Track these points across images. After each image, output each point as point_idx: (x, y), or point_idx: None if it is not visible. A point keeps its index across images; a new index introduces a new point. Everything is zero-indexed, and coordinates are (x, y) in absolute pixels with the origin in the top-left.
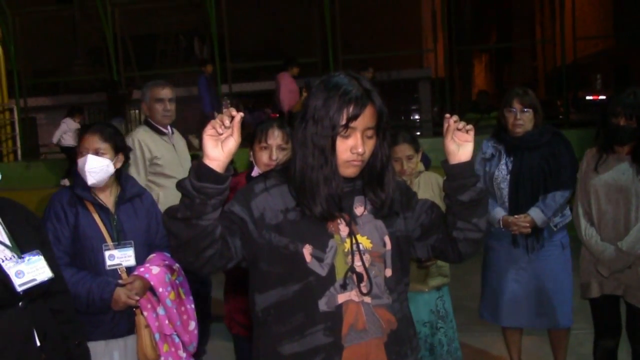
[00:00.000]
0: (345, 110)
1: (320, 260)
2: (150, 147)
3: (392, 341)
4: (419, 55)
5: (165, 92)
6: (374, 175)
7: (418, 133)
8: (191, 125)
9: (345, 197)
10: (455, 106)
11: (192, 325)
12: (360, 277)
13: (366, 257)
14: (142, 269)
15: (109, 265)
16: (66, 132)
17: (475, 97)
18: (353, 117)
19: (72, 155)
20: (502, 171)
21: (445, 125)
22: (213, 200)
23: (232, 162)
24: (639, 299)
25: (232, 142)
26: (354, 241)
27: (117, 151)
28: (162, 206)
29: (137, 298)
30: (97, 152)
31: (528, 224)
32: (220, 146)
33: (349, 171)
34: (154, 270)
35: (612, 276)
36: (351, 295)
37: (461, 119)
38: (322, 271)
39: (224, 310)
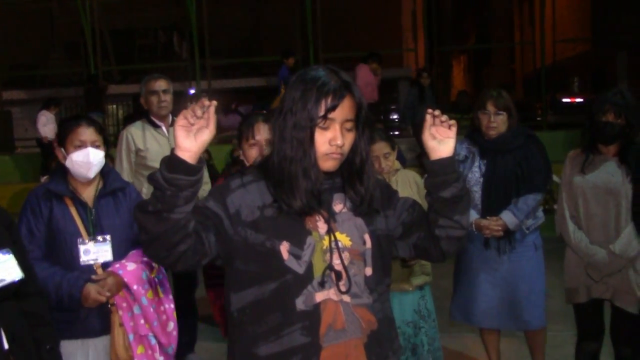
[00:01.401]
0: (323, 101)
1: (297, 257)
2: (136, 140)
3: (372, 342)
4: (399, 54)
5: (159, 84)
6: (354, 170)
7: (397, 132)
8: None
9: (324, 194)
10: (434, 106)
11: (171, 326)
12: (339, 275)
13: (345, 255)
14: (117, 265)
15: (83, 261)
16: (46, 124)
17: (455, 98)
18: (331, 108)
19: (49, 149)
20: (475, 174)
21: (429, 120)
22: (185, 192)
23: (210, 159)
24: (628, 302)
25: (207, 133)
26: (332, 238)
27: (106, 144)
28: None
29: (108, 294)
30: (94, 145)
31: (500, 227)
32: (192, 137)
33: (327, 164)
34: (130, 267)
35: (601, 280)
36: (329, 293)
37: None
38: (300, 269)
39: (211, 309)
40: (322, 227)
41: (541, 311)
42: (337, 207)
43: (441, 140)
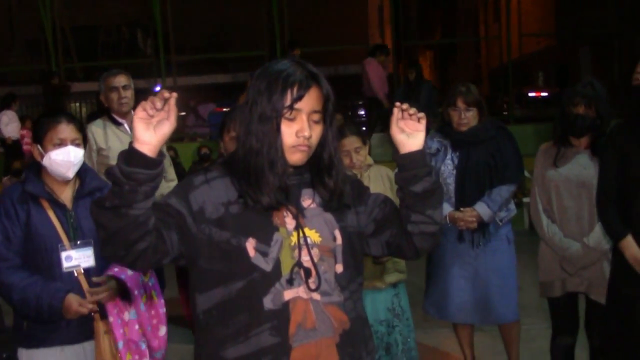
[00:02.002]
0: (289, 91)
1: (264, 254)
2: (97, 138)
3: (344, 342)
4: (366, 50)
5: (119, 80)
6: (322, 165)
7: (364, 128)
8: None
9: (292, 189)
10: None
11: (163, 330)
12: (308, 272)
13: (314, 251)
14: (116, 269)
15: (66, 267)
16: (8, 124)
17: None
18: (298, 98)
19: (14, 150)
20: (448, 166)
21: (396, 114)
22: (144, 187)
23: (176, 157)
24: (603, 294)
25: (167, 125)
26: (301, 234)
27: (84, 142)
28: None
29: (90, 307)
30: (74, 143)
31: (474, 219)
32: (152, 129)
33: (295, 157)
34: (129, 271)
35: (575, 273)
36: (298, 291)
37: None
38: (267, 266)
39: (183, 309)
40: (290, 222)
41: (514, 305)
42: (306, 202)
43: (410, 133)
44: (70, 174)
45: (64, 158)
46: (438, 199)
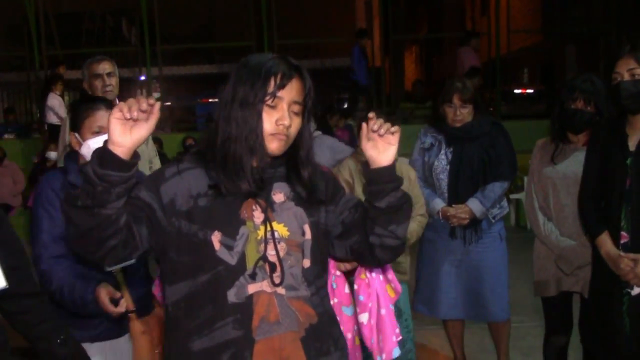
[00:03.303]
0: (272, 78)
1: (229, 248)
2: None
3: (310, 336)
4: (350, 43)
5: (103, 67)
6: (299, 159)
7: (350, 122)
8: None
9: (265, 183)
10: (390, 96)
11: None
12: (273, 267)
13: (281, 245)
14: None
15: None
16: (53, 107)
17: (412, 87)
18: (281, 86)
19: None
20: (441, 161)
21: (372, 126)
22: (117, 189)
23: (161, 148)
24: None
25: (145, 129)
26: (268, 228)
27: None
28: None
29: (122, 303)
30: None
31: (467, 215)
32: (128, 131)
33: (273, 145)
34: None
35: (571, 272)
36: (262, 285)
37: (395, 108)
38: (232, 260)
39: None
40: (258, 216)
41: (505, 303)
42: (277, 196)
43: (382, 149)
44: None
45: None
46: (404, 215)
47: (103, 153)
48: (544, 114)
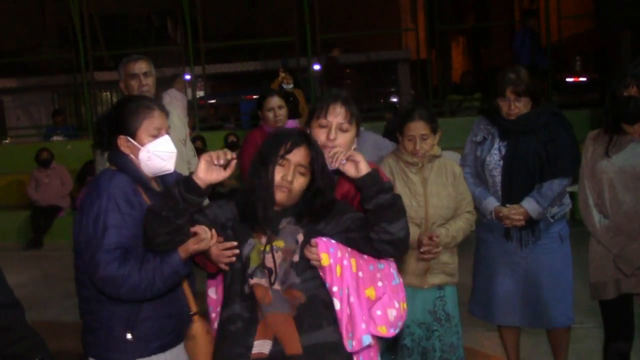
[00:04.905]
0: (283, 145)
1: (241, 253)
2: None
3: (302, 313)
4: (398, 36)
5: (139, 66)
6: (313, 209)
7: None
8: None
9: (275, 218)
10: (437, 88)
11: None
12: (270, 271)
13: (279, 254)
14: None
15: None
16: (170, 103)
17: (460, 79)
18: (288, 151)
19: None
20: (494, 156)
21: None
22: (190, 209)
23: (203, 147)
24: None
25: (221, 174)
26: (267, 249)
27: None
28: None
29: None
30: (167, 132)
31: (521, 217)
32: (210, 172)
33: (278, 195)
34: None
35: (632, 273)
36: (261, 282)
37: (443, 100)
38: (239, 262)
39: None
40: (263, 239)
41: (568, 308)
42: (282, 225)
43: (355, 166)
44: (171, 165)
45: (166, 149)
46: (394, 213)
47: (189, 182)
48: (598, 103)
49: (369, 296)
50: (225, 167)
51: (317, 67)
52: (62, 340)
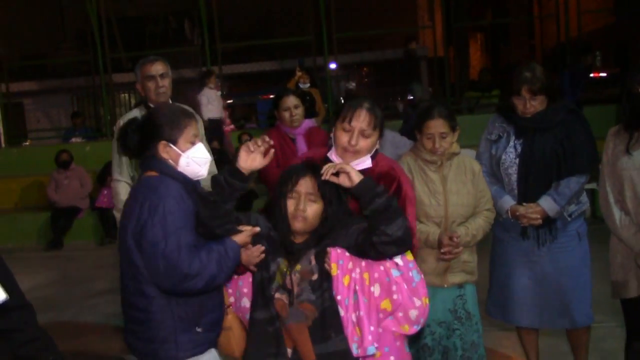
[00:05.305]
0: (290, 180)
1: (269, 269)
2: None
3: (315, 326)
4: (415, 34)
5: (156, 68)
6: (322, 233)
7: None
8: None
9: (295, 248)
10: (455, 85)
11: None
12: (289, 291)
13: (296, 276)
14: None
15: None
16: (208, 103)
17: (478, 76)
18: (295, 183)
19: (216, 128)
20: (509, 154)
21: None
22: (236, 193)
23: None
24: None
25: (259, 161)
26: (288, 272)
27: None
28: None
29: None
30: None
31: (539, 215)
32: (249, 159)
33: (295, 224)
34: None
35: None
36: (282, 297)
37: (461, 97)
38: (268, 273)
39: None
40: (286, 262)
41: (588, 307)
42: (305, 254)
43: (348, 176)
44: (205, 171)
45: (202, 155)
46: (390, 215)
47: (233, 169)
48: (618, 98)
49: (384, 308)
50: (265, 154)
51: (333, 66)
52: (81, 339)
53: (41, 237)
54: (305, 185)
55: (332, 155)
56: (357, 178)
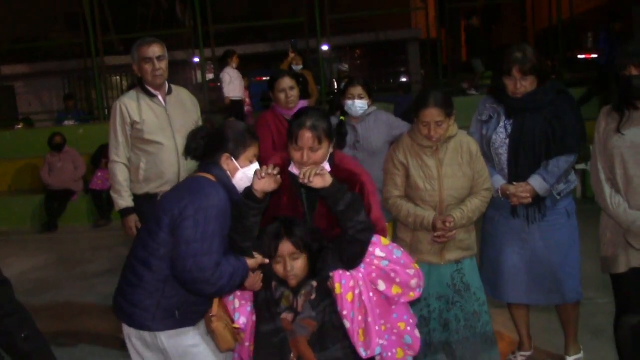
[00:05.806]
0: (269, 246)
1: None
2: (131, 112)
3: (315, 338)
4: (407, 16)
5: (153, 50)
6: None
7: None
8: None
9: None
10: (447, 67)
11: None
12: (294, 311)
13: (302, 299)
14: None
15: None
16: (230, 82)
17: (467, 58)
18: (275, 250)
19: (236, 109)
20: (500, 135)
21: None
22: (252, 212)
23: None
24: None
25: (270, 186)
26: (291, 295)
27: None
28: (145, 173)
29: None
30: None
31: (528, 194)
32: (261, 183)
33: (290, 283)
34: None
35: None
36: (287, 317)
37: (454, 79)
38: (276, 294)
39: None
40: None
41: (577, 283)
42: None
43: (322, 179)
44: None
45: (252, 174)
46: (358, 205)
47: (249, 191)
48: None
49: (397, 292)
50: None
51: (325, 47)
52: (77, 320)
53: (35, 219)
54: (286, 248)
55: (293, 169)
56: (330, 178)
